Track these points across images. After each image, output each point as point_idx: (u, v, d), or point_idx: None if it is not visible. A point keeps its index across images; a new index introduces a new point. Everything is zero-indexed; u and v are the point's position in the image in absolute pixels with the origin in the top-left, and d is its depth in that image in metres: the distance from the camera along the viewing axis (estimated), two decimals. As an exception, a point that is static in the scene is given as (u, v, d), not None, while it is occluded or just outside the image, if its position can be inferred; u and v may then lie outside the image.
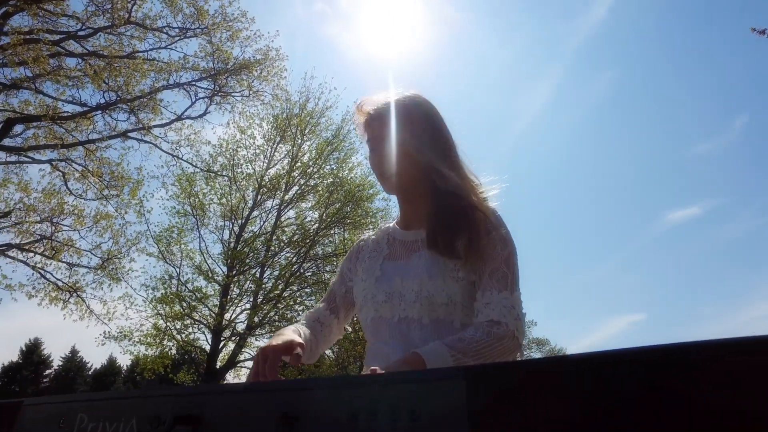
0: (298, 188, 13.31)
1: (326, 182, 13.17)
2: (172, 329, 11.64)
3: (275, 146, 13.41)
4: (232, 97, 11.87)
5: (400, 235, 1.29)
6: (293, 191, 13.28)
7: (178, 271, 12.08)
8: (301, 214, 13.39)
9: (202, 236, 12.55)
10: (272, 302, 12.18)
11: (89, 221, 11.14)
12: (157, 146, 11.40)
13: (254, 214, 13.09)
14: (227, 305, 11.99)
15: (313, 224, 13.00)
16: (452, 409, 0.49)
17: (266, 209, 13.29)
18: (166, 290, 11.73)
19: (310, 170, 13.17)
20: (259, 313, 11.92)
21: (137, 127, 11.02)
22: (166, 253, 12.10)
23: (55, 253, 10.80)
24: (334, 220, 12.64)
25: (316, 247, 12.76)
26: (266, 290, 12.33)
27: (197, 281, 12.12)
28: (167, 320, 11.52)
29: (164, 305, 11.50)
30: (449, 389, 0.50)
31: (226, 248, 12.53)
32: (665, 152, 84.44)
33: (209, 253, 12.54)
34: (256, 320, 11.83)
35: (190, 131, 11.82)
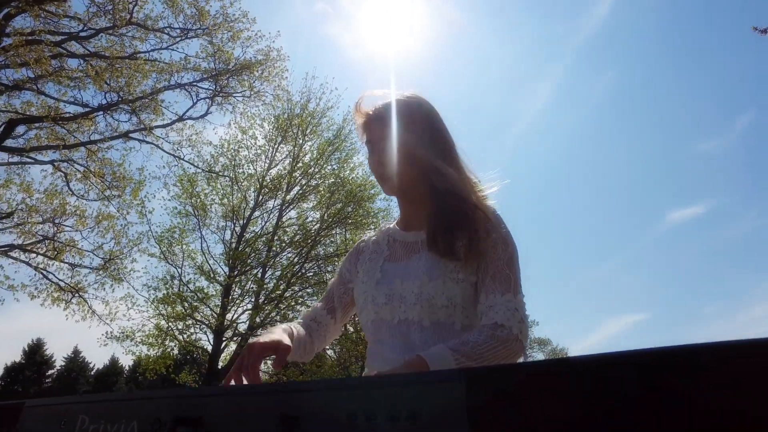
0: (299, 188, 13.33)
1: (328, 182, 13.19)
2: (174, 330, 11.66)
3: (276, 146, 13.44)
4: (233, 97, 11.88)
5: (400, 236, 1.29)
6: (295, 191, 13.31)
7: (179, 271, 12.11)
8: (302, 214, 13.42)
9: (203, 236, 12.58)
10: (274, 303, 12.19)
11: (91, 222, 11.18)
12: (158, 147, 11.43)
13: (256, 214, 13.11)
14: (229, 306, 12.00)
15: (314, 224, 13.01)
16: (452, 411, 0.49)
17: (268, 209, 13.32)
18: (167, 291, 11.75)
19: (311, 170, 13.19)
20: (260, 313, 11.93)
21: (139, 127, 11.04)
22: (167, 253, 12.12)
23: (57, 253, 10.83)
24: (335, 220, 12.65)
25: (317, 247, 12.77)
26: (268, 290, 12.34)
27: (199, 282, 12.15)
28: (169, 321, 11.54)
29: (166, 306, 11.52)
30: (449, 391, 0.50)
31: (227, 248, 12.55)
32: (667, 151, 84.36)
33: (211, 253, 12.57)
34: (257, 321, 11.83)
35: (191, 132, 11.86)
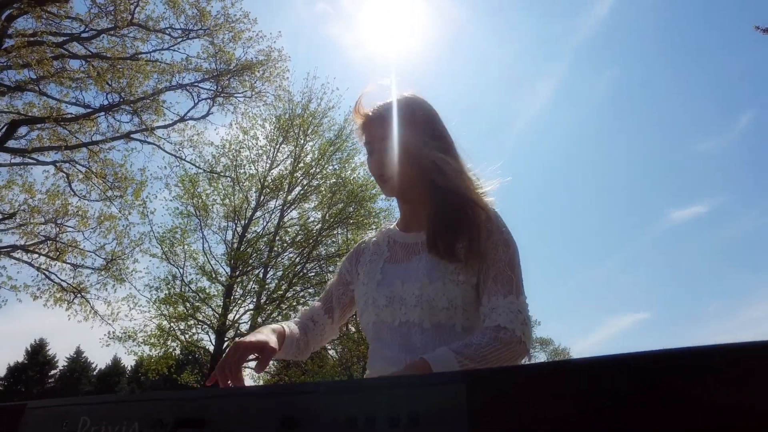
0: (300, 189, 13.33)
1: (329, 182, 13.18)
2: (175, 330, 11.67)
3: (278, 147, 13.43)
4: (234, 98, 11.90)
5: (400, 237, 1.28)
6: (296, 192, 13.31)
7: (181, 271, 12.10)
8: (304, 214, 13.41)
9: (205, 237, 12.57)
10: (275, 303, 12.20)
11: (93, 222, 11.22)
12: (160, 147, 11.44)
13: (257, 214, 13.11)
14: (230, 306, 12.01)
15: (316, 225, 13.01)
16: (452, 412, 0.49)
17: (269, 210, 13.32)
18: (169, 291, 11.75)
19: (312, 171, 13.19)
20: (262, 313, 11.93)
21: (140, 128, 11.06)
22: (169, 253, 12.13)
23: (59, 254, 10.86)
24: (337, 220, 12.64)
25: (319, 247, 12.77)
26: (269, 291, 12.34)
27: (201, 282, 12.15)
28: (171, 321, 11.55)
29: (168, 306, 11.52)
30: (449, 393, 0.50)
31: (229, 249, 12.55)
32: (667, 151, 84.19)
33: (212, 253, 12.57)
34: (259, 321, 11.83)
35: (192, 132, 11.88)
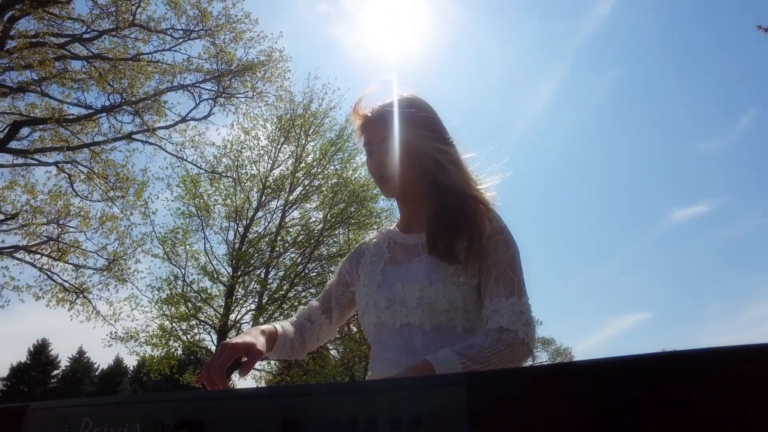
0: (302, 189, 13.33)
1: (330, 183, 13.18)
2: (177, 330, 11.68)
3: (279, 147, 13.44)
4: (235, 98, 11.91)
5: (400, 238, 1.28)
6: (297, 192, 13.31)
7: (183, 272, 12.12)
8: (305, 214, 13.42)
9: (206, 237, 12.58)
10: (277, 303, 12.20)
11: (95, 223, 11.23)
12: (161, 148, 11.46)
13: (259, 214, 13.12)
14: (232, 306, 12.02)
15: (317, 225, 13.02)
16: (453, 414, 0.49)
17: (271, 210, 13.32)
18: (171, 291, 11.77)
19: (314, 171, 13.19)
20: (264, 313, 11.94)
21: (142, 128, 11.08)
22: (171, 254, 12.14)
23: (61, 254, 10.88)
24: (338, 220, 12.64)
25: (320, 247, 12.78)
26: (271, 291, 12.35)
27: (202, 282, 12.16)
28: (173, 321, 11.56)
29: (170, 306, 11.54)
30: (450, 395, 0.50)
31: (230, 249, 12.56)
32: (669, 151, 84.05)
33: (214, 253, 12.57)
34: (261, 321, 11.83)
35: (194, 133, 11.89)
